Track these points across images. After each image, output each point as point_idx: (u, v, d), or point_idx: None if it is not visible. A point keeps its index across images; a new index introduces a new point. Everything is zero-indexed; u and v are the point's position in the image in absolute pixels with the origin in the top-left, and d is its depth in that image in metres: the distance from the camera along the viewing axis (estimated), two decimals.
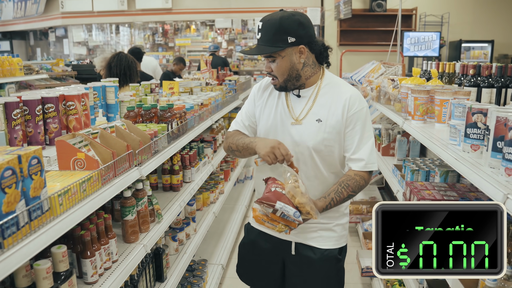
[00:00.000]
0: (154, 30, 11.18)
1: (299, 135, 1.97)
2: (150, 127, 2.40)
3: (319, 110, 1.98)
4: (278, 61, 1.93)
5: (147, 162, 2.16)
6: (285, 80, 1.97)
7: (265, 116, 2.06)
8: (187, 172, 3.08)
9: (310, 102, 2.00)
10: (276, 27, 1.88)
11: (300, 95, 2.03)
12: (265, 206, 1.70)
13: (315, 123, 1.97)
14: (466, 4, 8.99)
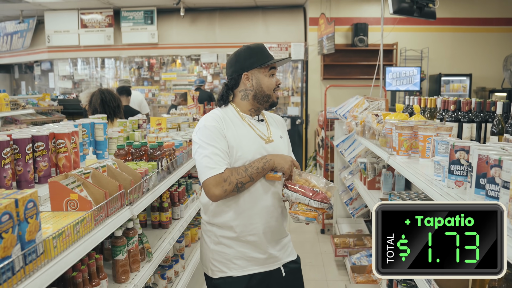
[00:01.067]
0: (140, 64, 11.28)
1: (277, 150, 2.26)
2: (141, 166, 2.43)
3: (275, 129, 2.36)
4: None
5: (138, 201, 2.17)
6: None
7: (246, 143, 2.20)
8: (176, 209, 3.09)
9: (266, 123, 2.35)
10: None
11: (262, 119, 2.36)
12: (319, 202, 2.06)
13: (280, 139, 2.34)
14: (444, 39, 9.30)
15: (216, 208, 2.23)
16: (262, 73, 2.24)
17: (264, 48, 2.28)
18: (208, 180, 2.07)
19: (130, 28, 10.47)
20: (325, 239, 5.77)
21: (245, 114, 2.29)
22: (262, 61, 2.22)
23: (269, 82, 2.25)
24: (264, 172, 2.15)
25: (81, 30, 10.62)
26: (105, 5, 10.13)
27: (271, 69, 2.26)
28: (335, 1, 9.37)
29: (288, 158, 2.20)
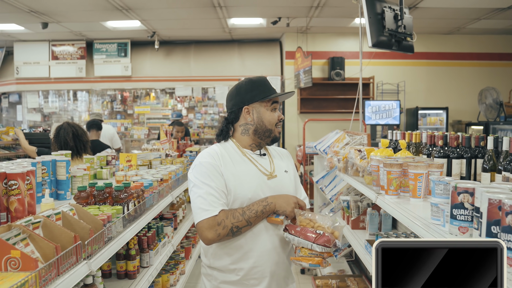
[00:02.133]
0: (112, 97, 11.00)
1: (280, 186, 2.12)
2: (104, 210, 2.14)
3: (279, 163, 2.22)
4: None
5: (98, 253, 1.88)
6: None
7: (246, 180, 2.05)
8: (145, 256, 2.79)
9: (270, 158, 2.22)
10: None
11: (264, 153, 2.22)
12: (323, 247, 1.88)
13: (285, 174, 2.20)
14: (420, 73, 9.36)
15: (216, 251, 2.07)
16: (263, 107, 2.14)
17: (266, 81, 2.18)
18: (201, 223, 1.94)
19: (103, 61, 10.24)
20: (306, 279, 5.49)
21: (246, 150, 2.17)
22: (264, 95, 2.12)
23: (271, 117, 2.14)
24: (263, 216, 2.00)
25: (52, 62, 10.33)
26: (78, 37, 9.90)
27: (273, 103, 2.15)
28: (312, 35, 9.36)
29: (291, 199, 2.04)
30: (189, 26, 8.87)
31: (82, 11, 7.58)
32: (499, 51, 9.37)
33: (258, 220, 1.99)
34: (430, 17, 7.91)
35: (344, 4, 7.05)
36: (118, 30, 9.14)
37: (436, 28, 8.88)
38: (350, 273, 5.00)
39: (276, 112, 2.16)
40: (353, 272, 4.92)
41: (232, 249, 2.03)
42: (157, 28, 9.02)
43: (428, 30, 9.02)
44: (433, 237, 1.83)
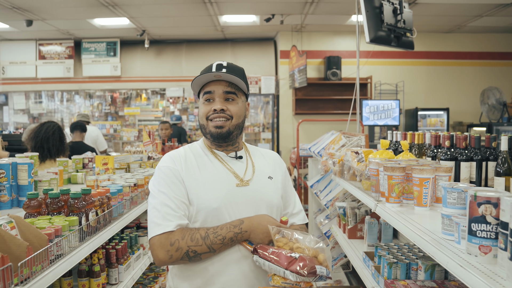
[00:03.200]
0: (102, 98, 10.65)
1: (259, 196, 1.79)
2: (54, 222, 1.81)
3: (262, 168, 1.89)
4: (238, 102, 1.80)
5: (40, 275, 1.55)
6: (236, 125, 1.80)
7: (214, 188, 1.72)
8: (113, 271, 2.45)
9: (249, 162, 1.89)
10: (242, 71, 1.85)
11: (240, 156, 1.87)
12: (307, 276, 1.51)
13: (267, 181, 1.86)
14: (419, 73, 9.06)
15: (178, 272, 1.75)
16: (200, 97, 1.82)
17: (208, 67, 1.79)
18: (152, 240, 1.63)
19: (92, 60, 9.90)
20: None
21: (218, 151, 1.84)
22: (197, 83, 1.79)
23: (203, 109, 1.79)
24: (233, 244, 1.65)
25: (39, 62, 9.99)
26: (65, 36, 9.56)
27: (206, 93, 1.77)
28: (307, 34, 9.05)
29: (265, 228, 1.65)
30: (179, 24, 8.55)
31: (66, 7, 7.24)
32: (501, 50, 9.07)
33: (225, 248, 1.64)
34: (429, 14, 7.61)
35: (340, 0, 6.73)
36: (107, 28, 8.81)
37: (436, 26, 8.58)
38: (347, 284, 4.68)
39: (211, 103, 1.77)
40: (350, 283, 4.61)
41: (195, 272, 1.70)
42: (146, 26, 8.69)
43: (428, 28, 8.72)
44: (446, 256, 1.50)
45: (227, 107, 1.75)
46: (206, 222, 1.68)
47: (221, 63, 1.77)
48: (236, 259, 1.69)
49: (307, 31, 9.01)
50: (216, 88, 1.75)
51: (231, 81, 1.75)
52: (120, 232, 2.96)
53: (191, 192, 1.70)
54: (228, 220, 1.69)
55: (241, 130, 1.85)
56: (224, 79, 1.74)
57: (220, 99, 1.75)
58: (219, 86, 1.75)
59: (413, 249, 2.67)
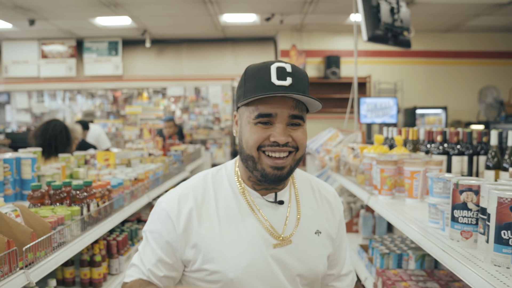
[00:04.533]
0: (104, 97, 10.74)
1: (298, 258, 1.27)
2: (57, 212, 1.89)
3: (311, 217, 1.34)
4: (303, 126, 1.27)
5: (43, 260, 1.63)
6: (299, 159, 1.28)
7: (237, 249, 1.23)
8: (114, 262, 2.53)
9: (292, 207, 1.32)
10: (307, 78, 1.29)
11: (282, 200, 1.31)
12: None
13: (313, 236, 1.33)
14: (418, 72, 9.12)
15: None
16: (246, 116, 1.26)
17: (266, 68, 1.21)
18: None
19: (94, 60, 9.98)
20: None
21: (251, 189, 1.31)
22: (247, 94, 1.23)
23: (251, 134, 1.23)
24: None
25: (41, 61, 10.06)
26: (67, 35, 9.64)
27: (260, 116, 1.21)
28: (307, 33, 9.12)
29: None
30: (180, 24, 8.62)
31: (68, 6, 7.32)
32: (499, 49, 9.13)
33: None
34: (428, 13, 7.67)
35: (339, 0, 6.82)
36: (109, 28, 8.89)
37: (434, 25, 8.64)
38: None
39: (268, 128, 1.22)
40: None
41: None
42: (148, 26, 8.77)
43: (426, 28, 8.78)
44: (430, 242, 1.58)
45: (292, 136, 1.23)
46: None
47: (283, 67, 1.21)
48: None
49: (306, 30, 9.08)
50: (279, 110, 1.21)
51: (303, 101, 1.23)
52: (121, 225, 3.04)
53: (206, 249, 1.24)
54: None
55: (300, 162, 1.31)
56: (292, 97, 1.21)
57: (283, 125, 1.21)
58: (283, 106, 1.21)
59: (405, 241, 2.74)
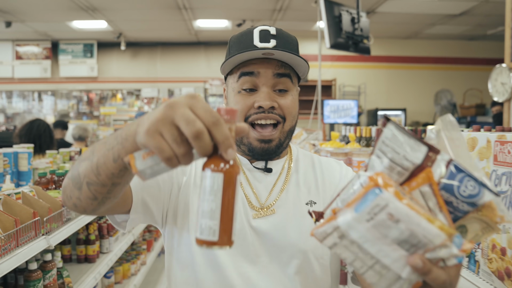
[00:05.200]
0: (78, 98, 10.95)
1: (281, 231, 1.14)
2: None
3: (304, 188, 1.22)
4: (292, 92, 1.20)
5: (57, 230, 2.01)
6: (289, 131, 1.22)
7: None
8: (105, 241, 2.91)
9: (283, 177, 1.22)
10: (297, 42, 1.22)
11: (270, 168, 1.22)
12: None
13: (304, 207, 1.17)
14: (380, 76, 9.72)
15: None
16: (231, 83, 1.21)
17: (248, 33, 1.18)
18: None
19: (69, 61, 10.20)
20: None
21: (240, 156, 1.24)
22: (227, 58, 1.17)
23: (236, 102, 1.17)
24: (120, 151, 0.77)
25: (15, 62, 10.22)
26: (43, 37, 9.84)
27: (243, 75, 1.16)
28: None
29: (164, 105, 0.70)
30: (155, 28, 8.96)
31: (46, 10, 7.58)
32: (454, 56, 9.81)
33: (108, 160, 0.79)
34: (389, 21, 8.24)
35: (305, 8, 7.29)
36: (84, 31, 9.14)
37: (395, 32, 9.24)
38: None
39: (252, 94, 1.15)
40: None
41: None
42: (123, 30, 9.07)
43: (388, 35, 9.37)
44: None
45: (279, 102, 1.15)
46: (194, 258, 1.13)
47: (266, 30, 1.15)
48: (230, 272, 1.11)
49: None
50: (262, 68, 1.13)
51: (287, 61, 1.15)
52: None
53: (181, 209, 1.16)
54: (228, 272, 1.10)
55: (292, 135, 1.25)
56: (276, 58, 1.14)
57: (267, 89, 1.14)
58: (267, 66, 1.14)
59: None
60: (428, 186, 0.65)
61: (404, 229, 0.61)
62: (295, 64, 1.16)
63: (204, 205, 0.66)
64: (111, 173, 0.79)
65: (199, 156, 0.65)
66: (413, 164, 0.66)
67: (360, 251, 0.64)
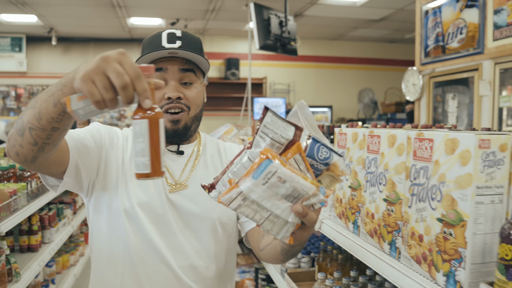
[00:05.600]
0: (5, 93, 10.63)
1: (194, 203, 1.37)
2: (9, 186, 2.44)
3: (211, 167, 1.47)
4: (197, 85, 1.41)
5: (6, 219, 2.20)
6: (194, 117, 1.42)
7: (137, 184, 1.34)
8: (46, 232, 3.08)
9: (192, 158, 1.46)
10: (200, 43, 1.45)
11: (182, 150, 1.45)
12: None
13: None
14: (308, 74, 10.27)
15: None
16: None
17: (157, 36, 1.37)
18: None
19: None
20: None
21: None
22: (139, 57, 1.36)
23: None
24: (57, 96, 0.95)
25: None
26: None
27: (156, 70, 1.33)
28: (209, 37, 9.86)
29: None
30: (88, 24, 8.92)
31: None
32: (376, 57, 10.55)
33: (49, 107, 0.95)
34: (315, 24, 8.75)
35: (236, 10, 7.62)
36: (12, 24, 8.91)
37: (322, 34, 9.80)
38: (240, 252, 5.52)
39: (162, 89, 1.32)
40: (243, 251, 5.44)
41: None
42: (54, 24, 8.95)
43: (315, 36, 9.91)
44: None
45: (184, 93, 1.36)
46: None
47: (173, 33, 1.36)
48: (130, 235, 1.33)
49: (209, 34, 9.82)
50: (169, 65, 1.35)
51: (190, 59, 1.37)
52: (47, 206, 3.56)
53: (110, 171, 1.36)
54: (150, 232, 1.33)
55: (199, 122, 1.46)
56: (181, 56, 1.35)
57: (174, 82, 1.35)
58: (173, 63, 1.35)
59: None
60: (299, 154, 0.90)
61: (289, 186, 0.86)
62: (197, 61, 1.38)
63: (137, 146, 0.86)
64: (51, 117, 0.95)
65: (122, 104, 0.83)
66: (287, 140, 0.92)
67: (258, 207, 0.88)
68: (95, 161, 1.32)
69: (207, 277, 1.38)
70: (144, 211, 1.32)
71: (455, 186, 0.95)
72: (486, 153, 0.91)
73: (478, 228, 0.92)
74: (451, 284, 0.97)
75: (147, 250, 1.32)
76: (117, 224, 1.32)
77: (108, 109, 0.84)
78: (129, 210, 1.31)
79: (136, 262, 1.32)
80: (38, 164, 1.08)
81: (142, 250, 1.32)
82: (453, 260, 0.96)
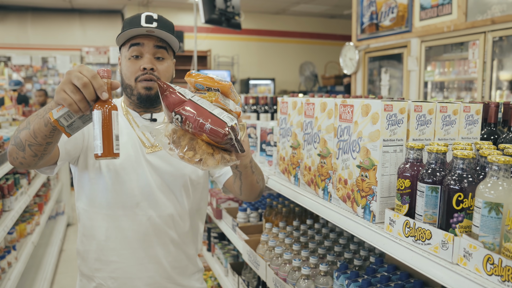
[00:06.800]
0: None
1: (169, 164, 1.62)
2: None
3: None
4: (167, 60, 1.63)
5: None
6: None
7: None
8: (6, 201, 3.21)
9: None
10: (173, 26, 1.68)
11: (155, 118, 1.69)
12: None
13: None
14: (252, 48, 10.50)
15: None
16: (124, 53, 1.62)
17: (137, 17, 1.59)
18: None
19: None
20: None
21: (133, 111, 1.68)
22: (120, 33, 1.57)
23: (128, 66, 1.58)
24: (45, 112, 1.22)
25: None
26: None
27: (132, 46, 1.58)
28: (153, 9, 9.83)
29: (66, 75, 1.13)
30: None
31: None
32: (318, 31, 10.94)
33: (41, 126, 1.21)
34: None
35: None
36: None
37: (265, 8, 10.02)
38: None
39: (139, 60, 1.57)
40: None
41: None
42: None
43: (259, 10, 10.13)
44: None
45: (156, 66, 1.57)
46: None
47: (151, 15, 1.58)
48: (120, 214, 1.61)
49: (153, 6, 9.78)
50: (146, 41, 1.57)
51: (164, 38, 1.59)
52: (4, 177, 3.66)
53: (90, 146, 1.59)
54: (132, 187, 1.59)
55: None
56: (156, 35, 1.57)
57: (149, 56, 1.57)
58: (149, 40, 1.57)
59: None
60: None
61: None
62: (170, 41, 1.62)
63: (93, 131, 1.09)
64: (44, 135, 1.22)
65: (89, 101, 1.08)
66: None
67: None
68: (80, 137, 1.56)
69: (183, 227, 1.68)
70: (125, 170, 1.57)
71: (368, 140, 1.27)
72: (390, 115, 1.23)
73: (385, 170, 1.25)
74: (367, 214, 1.30)
75: (129, 203, 1.58)
76: (101, 182, 1.58)
77: (81, 112, 1.10)
78: (112, 170, 1.56)
79: (120, 216, 1.59)
80: (38, 166, 1.37)
81: (124, 203, 1.58)
82: (368, 195, 1.29)
